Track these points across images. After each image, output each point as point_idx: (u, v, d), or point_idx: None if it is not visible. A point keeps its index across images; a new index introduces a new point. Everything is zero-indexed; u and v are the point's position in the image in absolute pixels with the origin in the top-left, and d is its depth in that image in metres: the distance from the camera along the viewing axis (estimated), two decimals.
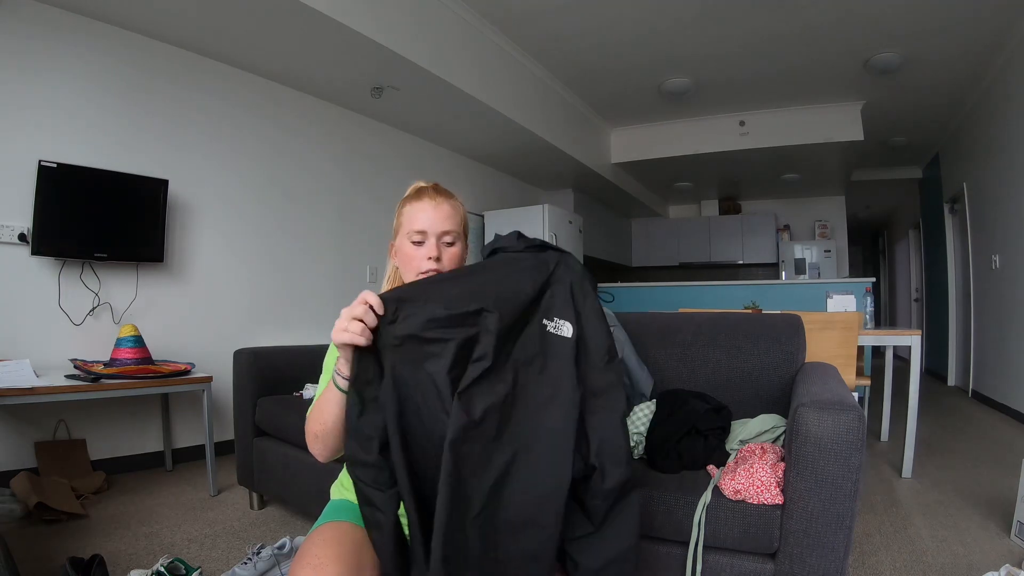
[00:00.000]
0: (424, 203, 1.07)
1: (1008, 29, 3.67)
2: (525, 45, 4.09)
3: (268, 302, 3.39)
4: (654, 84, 4.72)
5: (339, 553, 0.89)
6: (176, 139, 2.94)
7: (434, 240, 1.06)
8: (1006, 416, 4.01)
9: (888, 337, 2.86)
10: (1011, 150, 4.00)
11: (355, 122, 3.98)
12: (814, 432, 1.02)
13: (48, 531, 1.94)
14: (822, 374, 1.40)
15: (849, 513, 1.01)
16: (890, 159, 6.62)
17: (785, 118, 5.17)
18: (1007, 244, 4.15)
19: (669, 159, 5.76)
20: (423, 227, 1.06)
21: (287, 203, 3.52)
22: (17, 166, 2.39)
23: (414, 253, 1.06)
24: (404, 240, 1.08)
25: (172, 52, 2.93)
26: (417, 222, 1.06)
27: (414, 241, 1.06)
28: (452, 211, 1.09)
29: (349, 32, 2.78)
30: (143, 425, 2.78)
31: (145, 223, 2.74)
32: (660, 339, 1.76)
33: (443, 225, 1.07)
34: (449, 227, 1.07)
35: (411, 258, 1.06)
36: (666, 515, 1.17)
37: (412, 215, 1.08)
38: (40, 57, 2.48)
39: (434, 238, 1.06)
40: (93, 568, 1.48)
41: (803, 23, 3.66)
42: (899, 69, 4.20)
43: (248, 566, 1.59)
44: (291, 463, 1.96)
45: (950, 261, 5.75)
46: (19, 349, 2.36)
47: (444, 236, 1.07)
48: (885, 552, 1.79)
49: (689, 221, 8.05)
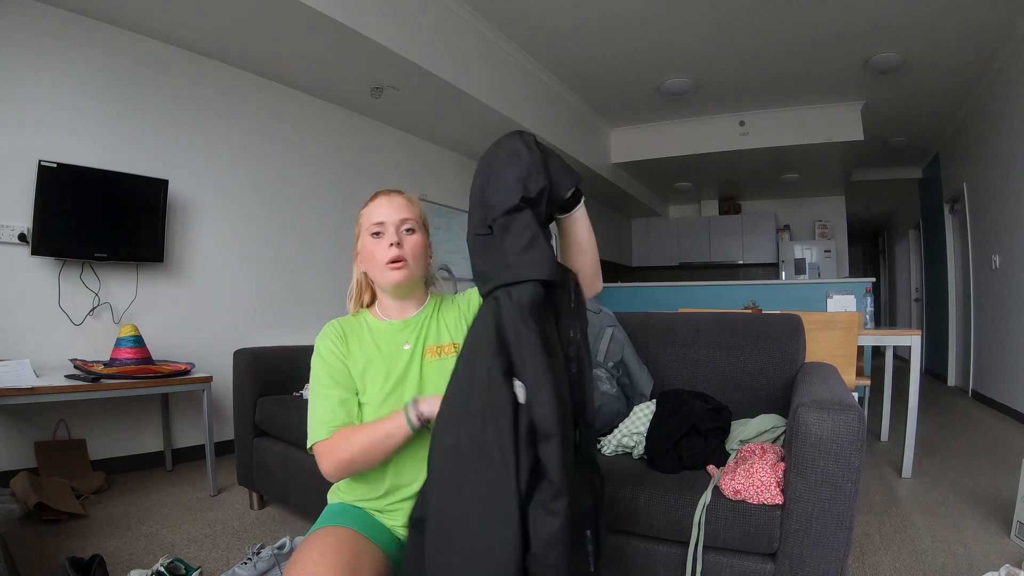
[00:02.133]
0: (378, 199, 1.11)
1: (1008, 29, 3.67)
2: (525, 45, 4.09)
3: (268, 302, 3.39)
4: (654, 84, 4.72)
5: (338, 563, 0.88)
6: (176, 139, 2.94)
7: (393, 229, 1.07)
8: (1006, 416, 4.01)
9: (888, 337, 2.86)
10: (1011, 150, 4.00)
11: (355, 122, 3.98)
12: (814, 432, 1.02)
13: (48, 531, 1.94)
14: (822, 374, 1.40)
15: (849, 513, 1.01)
16: (890, 159, 6.62)
17: (785, 118, 5.17)
18: (1007, 244, 4.15)
19: (669, 159, 5.76)
20: (380, 219, 1.08)
21: (287, 203, 3.52)
22: (17, 166, 2.39)
23: (375, 246, 1.08)
24: (365, 238, 1.10)
25: (172, 52, 2.93)
26: (374, 215, 1.09)
27: (373, 234, 1.08)
28: (407, 202, 1.11)
29: (349, 32, 2.78)
30: (143, 425, 2.78)
31: (145, 223, 2.74)
32: (660, 339, 1.76)
33: (400, 213, 1.08)
34: (406, 215, 1.09)
35: (373, 251, 1.08)
36: (666, 515, 1.17)
37: (368, 213, 1.10)
38: (40, 57, 2.48)
39: (392, 227, 1.07)
40: (93, 568, 1.48)
41: (803, 23, 3.66)
42: (899, 69, 4.20)
43: (248, 566, 1.59)
44: (291, 463, 1.95)
45: (950, 261, 5.75)
46: (19, 349, 2.36)
47: (403, 224, 1.08)
48: (885, 552, 1.79)
49: (689, 221, 8.05)
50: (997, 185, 4.32)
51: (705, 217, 7.97)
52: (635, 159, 5.88)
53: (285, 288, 3.49)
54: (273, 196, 3.44)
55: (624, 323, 1.77)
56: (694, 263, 7.85)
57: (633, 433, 1.44)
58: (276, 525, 2.06)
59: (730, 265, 7.70)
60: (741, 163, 5.94)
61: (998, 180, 4.29)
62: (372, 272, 1.11)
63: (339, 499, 1.10)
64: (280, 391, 2.24)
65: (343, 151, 3.89)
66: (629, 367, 1.67)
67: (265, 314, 3.36)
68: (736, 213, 7.84)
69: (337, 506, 1.08)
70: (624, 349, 1.69)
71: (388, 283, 1.09)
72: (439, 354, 1.11)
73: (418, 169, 4.51)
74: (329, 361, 1.08)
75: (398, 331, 1.12)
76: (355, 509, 1.06)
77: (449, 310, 1.17)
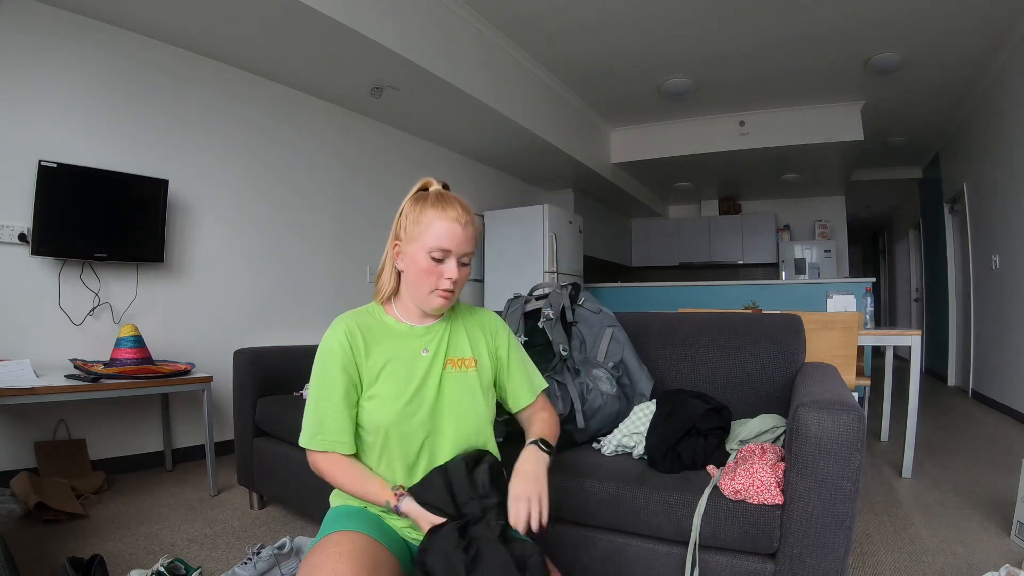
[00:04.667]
0: (451, 221, 1.01)
1: (1008, 29, 3.67)
2: (525, 45, 4.09)
3: (268, 302, 3.39)
4: (654, 84, 4.72)
5: (357, 570, 0.85)
6: (176, 139, 2.94)
7: (455, 260, 1.03)
8: (1006, 416, 4.01)
9: (888, 337, 2.86)
10: (1011, 150, 4.00)
11: (355, 122, 3.98)
12: (814, 432, 1.02)
13: (48, 531, 1.94)
14: (822, 374, 1.40)
15: (849, 513, 1.01)
16: (890, 159, 6.62)
17: (785, 118, 5.17)
18: (1007, 244, 4.15)
19: (669, 159, 5.76)
20: (449, 247, 1.01)
21: (287, 203, 3.52)
22: (17, 166, 2.39)
23: (432, 268, 1.03)
24: (421, 252, 1.02)
25: (172, 52, 2.93)
26: (444, 240, 1.01)
27: (435, 258, 1.02)
28: (475, 233, 1.06)
29: (349, 32, 2.78)
30: (143, 425, 2.78)
31: (145, 223, 2.74)
32: (660, 339, 1.76)
33: (468, 247, 1.04)
34: (470, 248, 1.05)
35: (428, 274, 1.03)
36: (666, 515, 1.17)
37: (437, 229, 1.01)
38: (40, 57, 2.48)
39: (455, 258, 1.03)
40: (93, 568, 1.48)
41: (803, 23, 3.66)
42: (899, 69, 4.20)
43: (248, 566, 1.59)
44: (291, 463, 1.95)
45: (950, 261, 5.75)
46: (19, 349, 2.36)
47: (463, 256, 1.04)
48: (885, 552, 1.79)
49: (689, 221, 8.05)
50: (997, 185, 4.32)
51: (705, 217, 7.97)
52: (635, 159, 5.88)
53: (285, 288, 3.49)
54: (273, 196, 3.44)
55: (624, 323, 1.77)
56: (694, 263, 7.85)
57: (633, 433, 1.44)
58: (276, 525, 2.06)
59: (730, 265, 7.69)
60: (741, 163, 5.94)
61: (998, 180, 4.29)
62: (416, 288, 1.06)
63: (343, 500, 1.08)
64: (280, 391, 2.24)
65: (343, 151, 3.89)
66: (629, 367, 1.67)
67: (265, 314, 3.36)
68: (736, 213, 7.84)
69: (344, 508, 1.06)
70: (624, 349, 1.69)
71: (430, 307, 1.07)
72: (461, 366, 1.09)
73: (418, 169, 4.50)
74: (337, 363, 1.03)
75: (418, 336, 1.10)
76: (364, 512, 1.04)
77: (472, 326, 1.16)
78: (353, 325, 1.06)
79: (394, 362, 1.06)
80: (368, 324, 1.08)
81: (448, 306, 1.09)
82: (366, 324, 1.08)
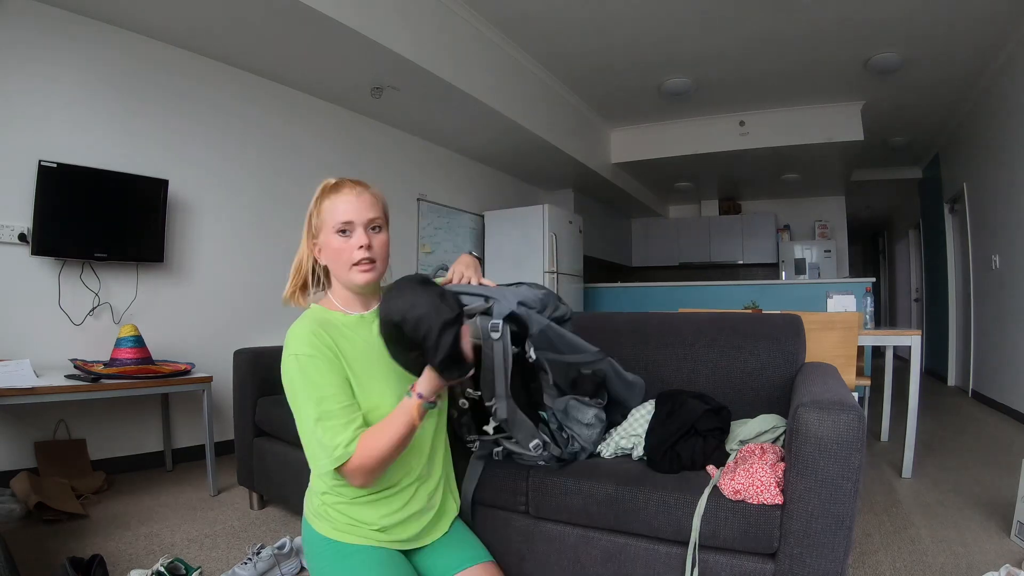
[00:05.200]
0: (345, 194, 1.07)
1: (1007, 29, 3.67)
2: (525, 45, 4.09)
3: (268, 302, 3.39)
4: (654, 84, 4.72)
5: None
6: (176, 139, 2.94)
7: (362, 229, 1.05)
8: (1006, 416, 4.01)
9: (888, 337, 2.86)
10: (1011, 150, 4.00)
11: (355, 122, 3.98)
12: (814, 432, 1.02)
13: (48, 531, 1.94)
14: (822, 374, 1.40)
15: (849, 513, 1.01)
16: (890, 159, 6.62)
17: (785, 118, 5.17)
18: (1007, 244, 4.15)
19: (669, 159, 5.76)
20: (349, 217, 1.05)
21: (287, 203, 3.51)
22: (17, 166, 2.39)
23: (343, 245, 1.05)
24: (330, 234, 1.06)
25: (172, 52, 2.93)
26: (341, 213, 1.05)
27: (340, 231, 1.05)
28: (374, 199, 1.09)
29: (349, 32, 2.78)
30: (143, 425, 2.78)
31: (145, 223, 2.74)
32: (660, 339, 1.76)
33: (369, 212, 1.06)
34: (375, 214, 1.07)
35: (340, 251, 1.06)
36: (666, 515, 1.17)
37: (334, 208, 1.06)
38: (40, 57, 2.48)
39: (361, 227, 1.05)
40: (93, 568, 1.48)
41: (803, 23, 3.66)
42: (899, 69, 4.20)
43: (248, 566, 1.59)
44: (291, 463, 1.95)
45: (950, 261, 5.75)
46: (19, 349, 2.36)
47: (371, 223, 1.07)
48: (885, 552, 1.79)
49: (689, 221, 8.05)
50: (997, 185, 4.32)
51: (705, 217, 7.97)
52: (635, 159, 5.88)
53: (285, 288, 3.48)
54: (273, 196, 3.43)
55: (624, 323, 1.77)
56: (694, 263, 7.85)
57: (631, 435, 1.44)
58: (276, 525, 2.06)
59: (730, 265, 7.70)
60: (741, 163, 5.94)
61: (998, 180, 4.29)
62: (337, 270, 1.09)
63: (338, 535, 1.06)
64: (280, 391, 2.19)
65: (343, 151, 3.89)
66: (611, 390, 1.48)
67: (265, 314, 3.36)
68: (736, 213, 7.84)
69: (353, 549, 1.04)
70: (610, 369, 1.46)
71: (356, 284, 1.08)
72: None
73: (418, 169, 4.51)
74: (323, 363, 1.00)
75: (369, 323, 1.11)
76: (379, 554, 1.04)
77: None
78: (317, 328, 1.04)
79: (369, 356, 1.06)
80: (326, 324, 1.06)
81: (375, 279, 1.09)
82: (326, 325, 1.06)
